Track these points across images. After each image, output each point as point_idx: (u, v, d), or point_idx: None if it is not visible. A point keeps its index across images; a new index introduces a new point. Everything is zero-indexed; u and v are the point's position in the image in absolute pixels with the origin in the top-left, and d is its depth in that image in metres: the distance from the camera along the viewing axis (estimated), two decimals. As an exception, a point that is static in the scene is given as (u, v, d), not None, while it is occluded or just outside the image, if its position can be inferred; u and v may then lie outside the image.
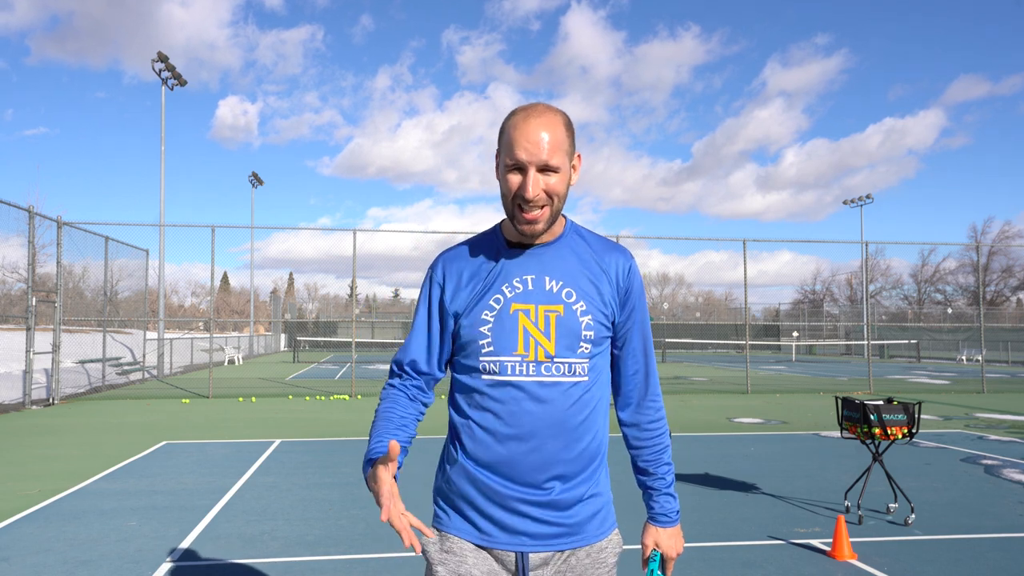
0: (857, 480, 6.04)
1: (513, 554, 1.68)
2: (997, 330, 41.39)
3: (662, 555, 1.80)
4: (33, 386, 14.60)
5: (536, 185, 1.61)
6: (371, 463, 1.62)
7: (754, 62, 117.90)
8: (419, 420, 1.78)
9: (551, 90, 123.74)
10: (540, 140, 1.60)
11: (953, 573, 4.46)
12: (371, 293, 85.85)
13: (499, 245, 1.75)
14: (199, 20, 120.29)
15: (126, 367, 21.39)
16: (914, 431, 5.70)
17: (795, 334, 50.17)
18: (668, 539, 1.79)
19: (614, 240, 1.76)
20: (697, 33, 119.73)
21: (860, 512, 5.68)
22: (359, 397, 16.58)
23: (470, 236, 1.83)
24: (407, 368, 1.79)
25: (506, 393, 1.66)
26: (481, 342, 1.68)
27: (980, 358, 20.16)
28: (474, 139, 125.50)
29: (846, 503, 5.95)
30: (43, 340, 15.54)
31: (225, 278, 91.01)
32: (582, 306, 1.68)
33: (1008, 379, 23.86)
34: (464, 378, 1.73)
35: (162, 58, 27.30)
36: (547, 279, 1.69)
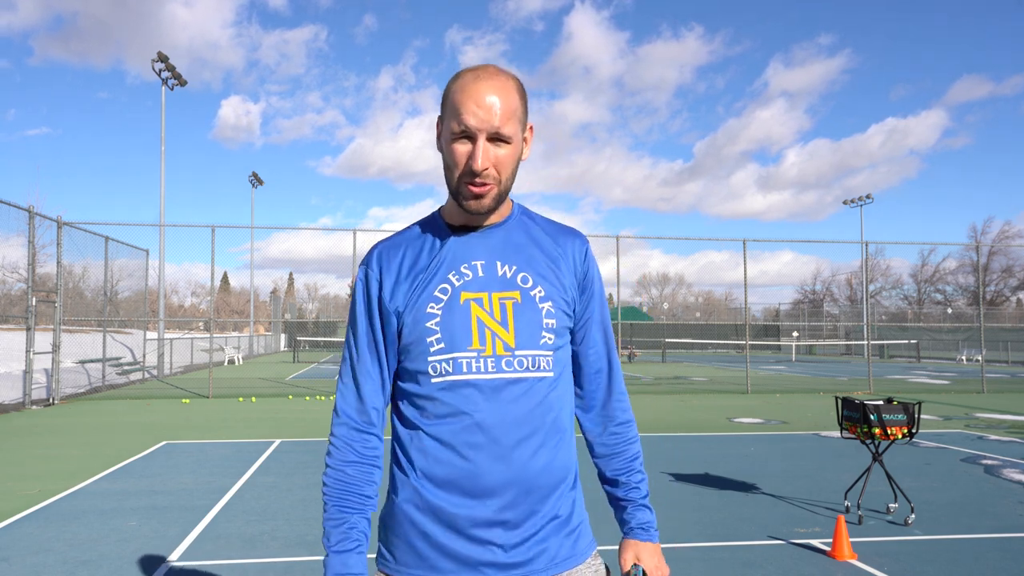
0: (857, 480, 6.04)
1: None
2: (997, 330, 41.38)
3: (644, 571, 1.55)
4: (33, 386, 14.60)
5: (486, 156, 1.39)
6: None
7: (757, 62, 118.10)
8: (377, 459, 1.49)
9: (553, 90, 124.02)
10: (492, 105, 1.38)
11: (953, 573, 4.46)
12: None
13: (441, 229, 1.51)
14: (202, 20, 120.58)
15: (126, 367, 21.39)
16: (914, 431, 5.70)
17: (795, 334, 50.17)
18: (650, 556, 1.53)
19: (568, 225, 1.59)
20: (700, 33, 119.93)
21: (860, 512, 5.67)
22: (359, 397, 16.56)
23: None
24: (360, 404, 1.47)
25: (461, 395, 1.41)
26: (429, 339, 1.42)
27: (980, 358, 20.15)
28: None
29: (846, 503, 5.95)
30: (43, 340, 15.54)
31: (225, 278, 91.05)
32: (540, 291, 1.47)
33: (1008, 379, 23.85)
34: (410, 385, 1.46)
35: (162, 58, 27.30)
36: (499, 263, 1.47)
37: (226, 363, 32.98)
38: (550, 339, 1.46)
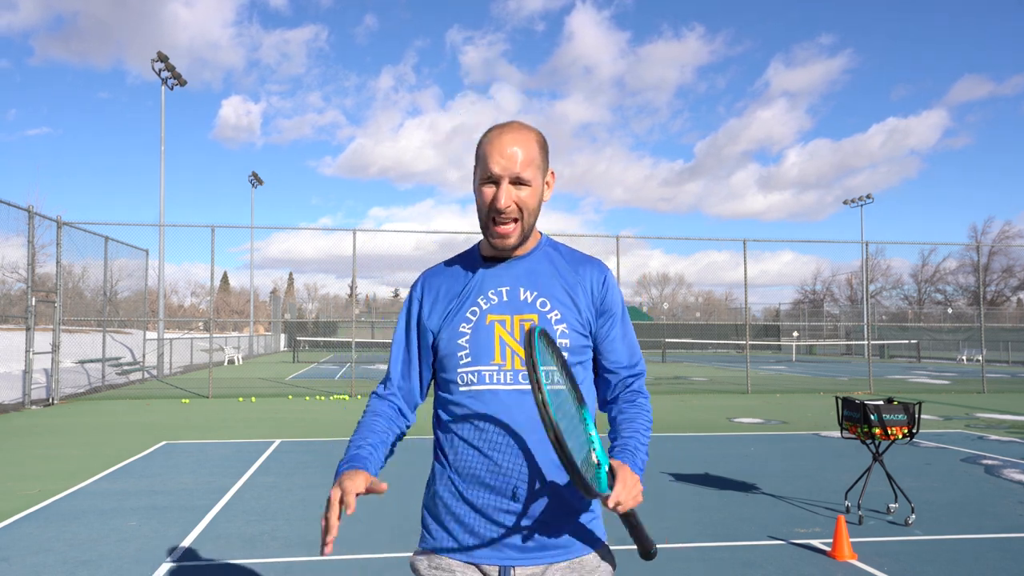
0: (857, 480, 6.03)
1: (497, 568, 1.64)
2: (997, 330, 41.37)
3: (613, 474, 1.51)
4: (33, 386, 14.60)
5: (508, 196, 1.64)
6: (342, 470, 1.59)
7: (758, 62, 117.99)
8: (399, 435, 1.78)
9: (554, 90, 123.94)
10: (513, 154, 1.65)
11: (953, 573, 4.46)
12: (371, 293, 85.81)
13: (476, 260, 1.79)
14: (203, 20, 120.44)
15: (126, 367, 21.38)
16: (914, 431, 5.70)
17: (795, 334, 50.16)
18: (630, 475, 1.52)
19: (591, 255, 1.86)
20: (702, 33, 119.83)
21: (860, 512, 5.67)
22: (359, 397, 16.58)
23: (452, 256, 1.87)
24: (387, 383, 1.82)
25: (483, 402, 1.65)
26: (459, 354, 1.69)
27: (980, 358, 20.16)
28: (476, 139, 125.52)
29: (846, 503, 5.95)
30: (43, 340, 15.54)
31: (225, 278, 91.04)
32: (557, 315, 1.69)
33: (1008, 379, 23.85)
34: (444, 393, 1.74)
35: (162, 58, 27.30)
36: (522, 290, 1.72)
37: (226, 363, 32.98)
38: (564, 356, 1.63)
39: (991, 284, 58.68)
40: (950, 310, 54.09)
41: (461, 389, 1.68)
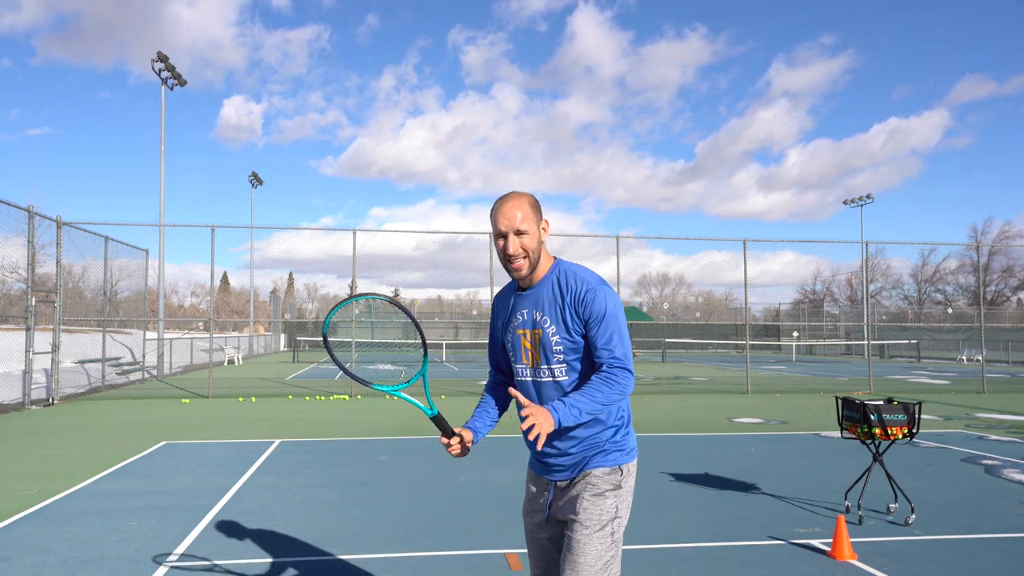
0: (857, 480, 6.03)
1: (547, 481, 2.61)
2: (997, 330, 41.37)
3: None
4: (33, 386, 14.60)
5: (514, 245, 2.44)
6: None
7: (759, 62, 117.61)
8: (507, 387, 2.70)
9: (555, 90, 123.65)
10: (513, 215, 2.44)
11: (953, 573, 4.46)
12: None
13: (514, 291, 2.63)
14: (205, 20, 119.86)
15: (126, 367, 21.38)
16: (914, 431, 5.70)
17: (795, 334, 50.16)
18: (537, 409, 2.30)
19: (593, 271, 2.64)
20: (704, 34, 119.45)
21: (860, 512, 5.67)
22: (359, 397, 16.58)
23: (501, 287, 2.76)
24: (491, 368, 2.85)
25: (521, 387, 2.60)
26: (509, 354, 2.64)
27: (980, 358, 20.16)
28: (478, 139, 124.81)
29: (846, 503, 5.95)
30: (43, 340, 15.54)
31: (225, 278, 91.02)
32: (552, 328, 2.47)
33: (1008, 379, 23.85)
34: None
35: (162, 58, 27.29)
36: (534, 311, 2.52)
37: (226, 363, 32.97)
38: (561, 356, 2.48)
39: (991, 284, 58.69)
40: (950, 310, 54.09)
41: (515, 378, 2.63)
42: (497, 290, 2.82)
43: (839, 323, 53.27)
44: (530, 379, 2.53)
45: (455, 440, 2.49)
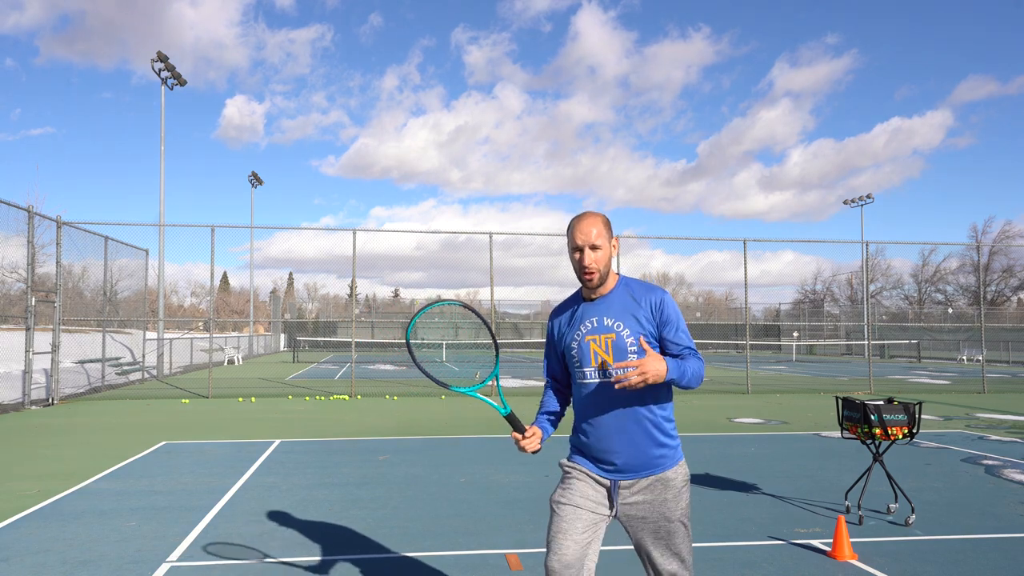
0: (857, 480, 6.03)
1: (608, 481, 2.76)
2: (998, 330, 41.33)
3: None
4: (33, 386, 14.60)
5: (588, 257, 2.73)
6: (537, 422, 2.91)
7: (762, 63, 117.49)
8: (567, 399, 2.97)
9: (558, 90, 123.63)
10: (590, 232, 2.73)
11: (953, 574, 4.46)
12: (371, 293, 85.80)
13: (579, 301, 2.87)
14: (208, 19, 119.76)
15: (126, 367, 21.37)
16: (914, 431, 5.70)
17: (795, 334, 50.14)
18: (654, 356, 2.58)
19: (649, 281, 2.58)
20: (708, 34, 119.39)
21: (860, 512, 5.67)
22: (359, 397, 16.57)
23: (566, 296, 3.00)
24: (547, 377, 3.02)
25: (588, 390, 2.78)
26: (574, 360, 2.81)
27: (981, 358, 20.15)
28: (480, 139, 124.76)
29: (846, 503, 5.95)
30: (43, 340, 15.53)
31: (225, 278, 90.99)
32: (627, 332, 2.71)
33: (1009, 379, 23.85)
34: (573, 382, 2.87)
35: (161, 58, 27.28)
36: (605, 318, 2.76)
37: (226, 363, 32.97)
38: (634, 358, 2.68)
39: (991, 284, 58.66)
40: (950, 310, 54.07)
41: (577, 381, 2.82)
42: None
43: (839, 323, 53.25)
44: (599, 380, 2.72)
45: (530, 433, 2.75)
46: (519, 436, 2.74)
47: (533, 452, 2.76)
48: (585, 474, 2.76)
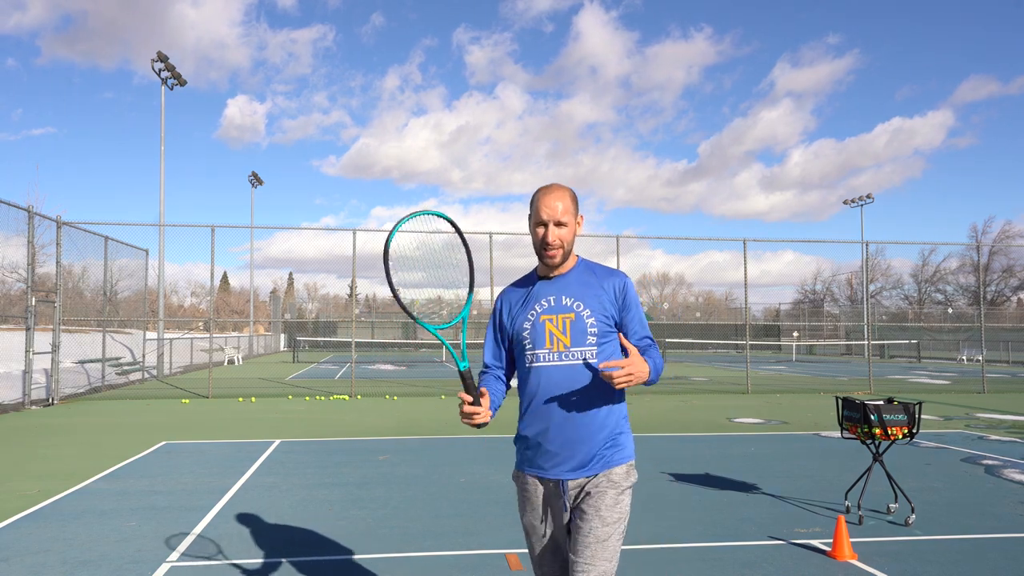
0: (857, 480, 6.03)
1: (554, 481, 2.58)
2: (997, 330, 41.33)
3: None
4: (33, 386, 14.60)
5: (552, 234, 2.54)
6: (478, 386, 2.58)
7: (764, 63, 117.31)
8: (507, 386, 2.74)
9: (559, 90, 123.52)
10: (556, 207, 2.53)
11: (953, 573, 4.46)
12: (371, 293, 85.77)
13: (534, 280, 2.68)
14: (210, 19, 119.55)
15: (126, 367, 21.37)
16: (914, 431, 5.70)
17: (795, 334, 50.14)
18: (637, 356, 2.38)
19: (614, 266, 2.59)
20: (709, 34, 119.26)
21: (860, 512, 5.67)
22: (359, 397, 16.58)
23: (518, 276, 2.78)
24: (486, 363, 2.74)
25: (540, 373, 2.54)
26: (524, 341, 2.59)
27: (980, 358, 20.15)
28: (481, 139, 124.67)
29: (846, 503, 5.95)
30: (43, 340, 15.53)
31: (225, 278, 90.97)
32: (587, 312, 2.54)
33: (1009, 379, 23.84)
34: (519, 368, 2.66)
35: (161, 58, 27.28)
36: (563, 297, 2.58)
37: (226, 363, 32.97)
38: (594, 339, 2.52)
39: (991, 284, 58.66)
40: (950, 310, 54.06)
41: (526, 365, 2.58)
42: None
43: (839, 323, 53.26)
44: (555, 363, 2.50)
45: (482, 409, 2.40)
46: (468, 399, 2.39)
47: (477, 427, 2.44)
48: (538, 482, 2.61)
